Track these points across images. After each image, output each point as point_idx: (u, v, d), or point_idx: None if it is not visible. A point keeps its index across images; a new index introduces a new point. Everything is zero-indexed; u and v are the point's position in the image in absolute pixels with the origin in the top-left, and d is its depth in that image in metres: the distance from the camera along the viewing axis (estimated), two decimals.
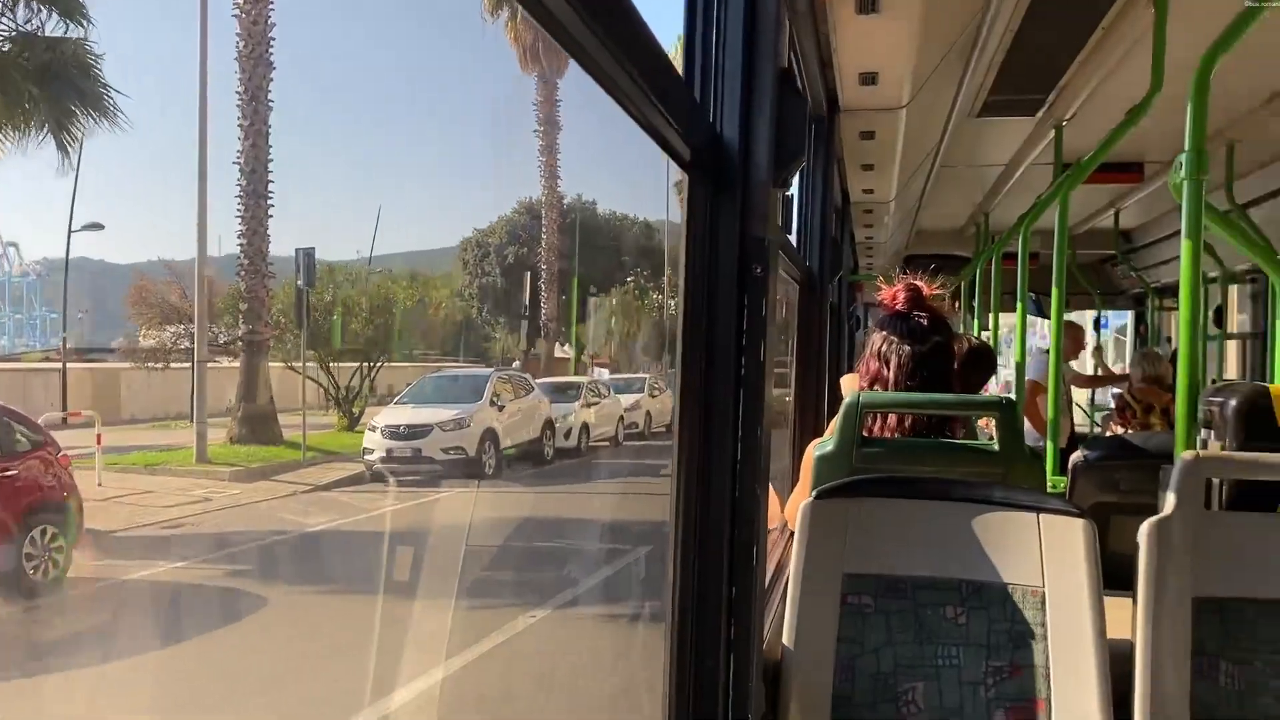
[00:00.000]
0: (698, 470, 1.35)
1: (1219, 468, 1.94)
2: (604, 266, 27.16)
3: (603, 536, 10.19)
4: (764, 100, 1.35)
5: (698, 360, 1.34)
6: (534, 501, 12.68)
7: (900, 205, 6.37)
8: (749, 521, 1.35)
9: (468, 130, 36.32)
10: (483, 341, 25.29)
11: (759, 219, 1.35)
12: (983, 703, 1.82)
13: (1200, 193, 2.07)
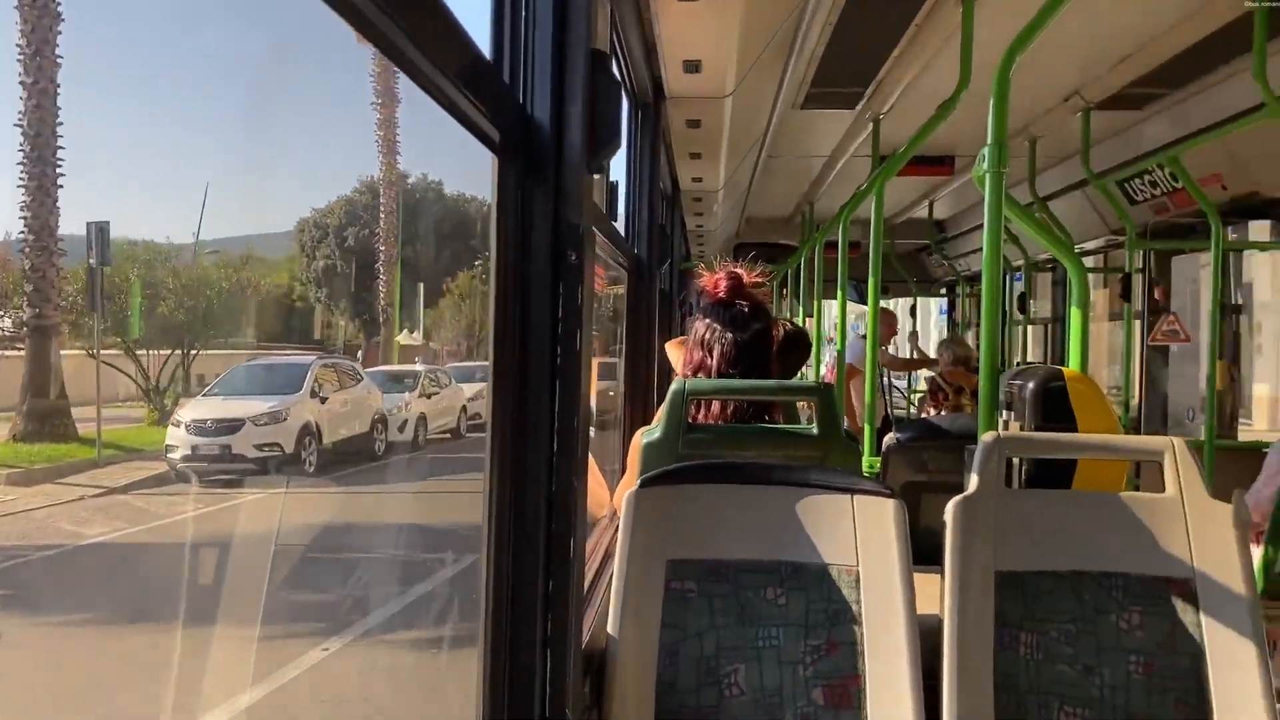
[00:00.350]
0: (513, 464, 1.31)
1: (1018, 447, 2.04)
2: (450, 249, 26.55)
3: (438, 541, 8.89)
4: (577, 83, 1.32)
5: (511, 350, 1.30)
6: (361, 504, 10.66)
7: (729, 194, 6.48)
8: (566, 514, 1.32)
9: (303, 99, 34.59)
10: (323, 328, 24.28)
11: (574, 204, 1.32)
12: (801, 681, 1.85)
13: (1001, 185, 2.17)
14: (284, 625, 6.23)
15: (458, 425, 17.15)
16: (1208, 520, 1.88)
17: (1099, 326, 8.48)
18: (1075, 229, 6.00)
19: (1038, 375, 2.23)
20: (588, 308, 1.35)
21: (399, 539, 8.91)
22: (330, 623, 6.28)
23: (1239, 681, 1.79)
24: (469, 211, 28.97)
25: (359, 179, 26.75)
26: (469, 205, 29.28)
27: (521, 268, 1.31)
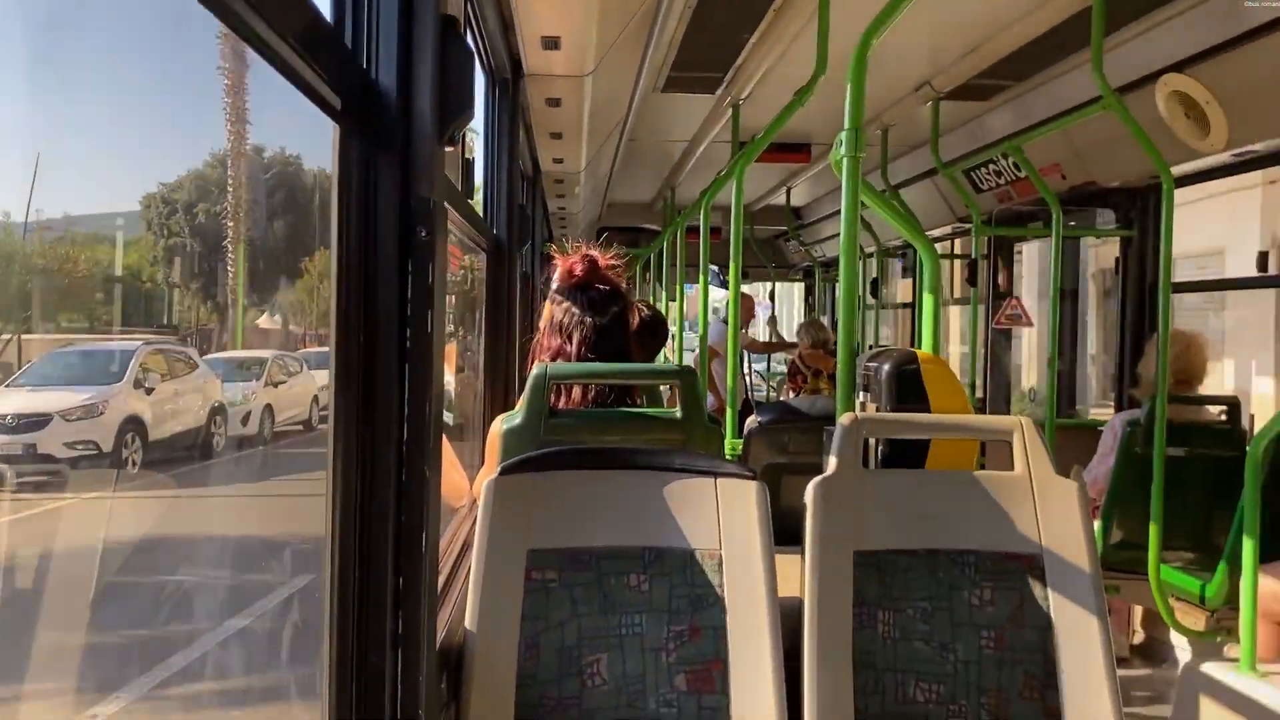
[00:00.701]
0: (358, 455, 1.23)
1: (874, 428, 2.07)
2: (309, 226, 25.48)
3: (273, 554, 6.79)
4: (426, 49, 1.24)
5: (355, 334, 1.22)
6: (189, 510, 7.75)
7: (591, 176, 6.43)
8: (417, 506, 1.25)
9: (146, 60, 32.36)
10: (172, 311, 22.85)
11: (424, 178, 1.24)
12: (664, 668, 1.83)
13: (858, 170, 2.19)
14: (52, 680, 3.98)
15: (309, 416, 16.10)
16: (1053, 497, 1.94)
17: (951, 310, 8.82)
18: (925, 216, 6.21)
19: (893, 358, 2.27)
20: (440, 288, 1.28)
21: (226, 553, 6.68)
22: (112, 674, 4.31)
23: (1082, 652, 1.86)
24: (330, 186, 27.82)
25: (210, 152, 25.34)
26: (330, 180, 28.15)
27: (366, 245, 1.22)
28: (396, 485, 1.24)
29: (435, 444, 1.31)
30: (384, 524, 1.23)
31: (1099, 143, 4.58)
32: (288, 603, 5.29)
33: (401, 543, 1.25)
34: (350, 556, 1.22)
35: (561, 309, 2.45)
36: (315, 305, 24.27)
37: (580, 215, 7.78)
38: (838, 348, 2.26)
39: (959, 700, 1.86)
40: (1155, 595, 3.32)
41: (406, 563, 1.26)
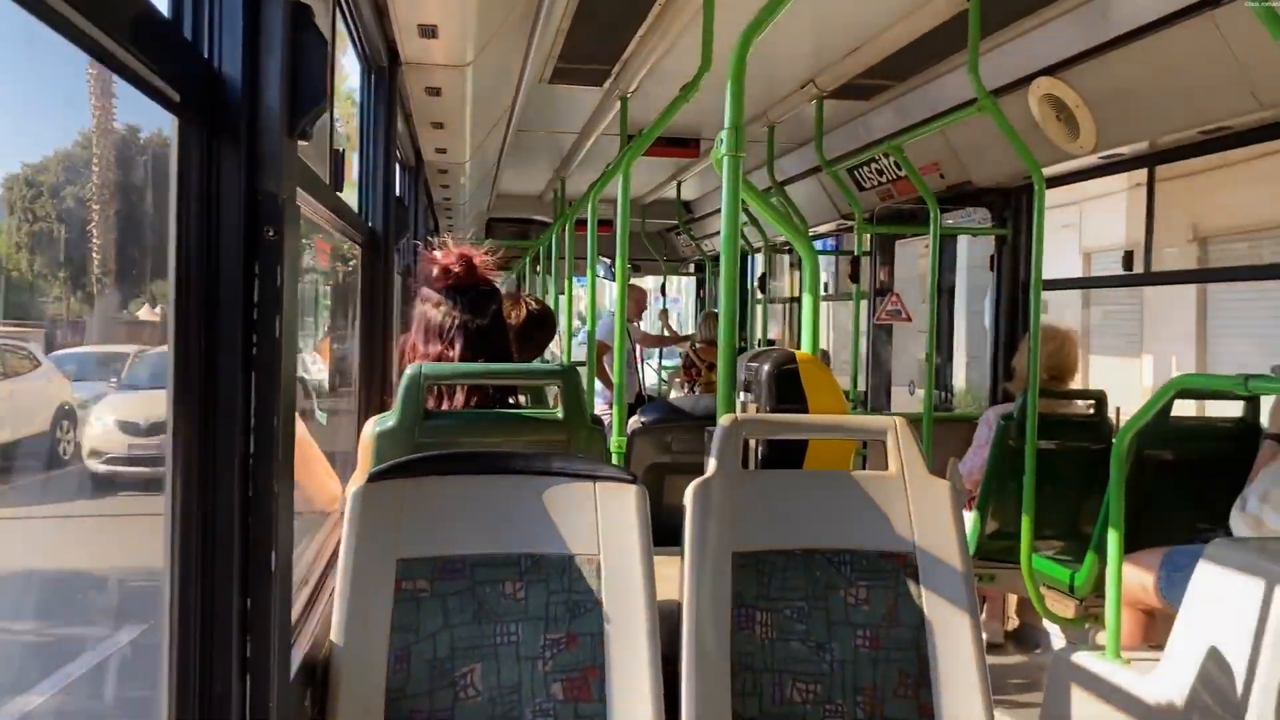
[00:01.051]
0: (199, 470, 1.15)
1: (754, 429, 2.06)
2: None
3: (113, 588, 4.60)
4: (274, 37, 1.17)
5: (195, 340, 1.14)
6: (21, 532, 5.87)
7: (478, 167, 6.31)
8: (265, 522, 1.18)
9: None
10: (36, 299, 21.60)
11: (272, 174, 1.17)
12: (540, 676, 1.79)
13: (738, 168, 2.18)
14: None
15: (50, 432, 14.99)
16: (926, 495, 1.97)
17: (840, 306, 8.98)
18: (811, 213, 6.29)
19: (772, 358, 2.27)
20: (290, 290, 1.21)
21: (57, 589, 4.49)
22: None
23: (954, 648, 1.89)
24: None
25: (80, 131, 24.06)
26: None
27: (209, 245, 1.14)
28: (242, 501, 1.16)
29: (286, 456, 1.24)
30: (228, 543, 1.15)
31: (975, 143, 4.70)
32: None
33: (249, 562, 1.18)
34: (192, 580, 1.14)
35: (439, 311, 2.37)
36: None
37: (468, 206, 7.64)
38: (719, 346, 2.24)
39: (835, 700, 1.87)
40: (1027, 584, 3.42)
41: (255, 583, 1.19)
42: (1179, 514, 3.14)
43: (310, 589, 2.10)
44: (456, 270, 2.33)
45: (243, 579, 1.17)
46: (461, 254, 2.33)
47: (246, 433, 1.16)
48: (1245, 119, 3.40)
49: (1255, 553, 2.17)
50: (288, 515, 1.25)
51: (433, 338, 2.36)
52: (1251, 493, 2.59)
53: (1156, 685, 2.29)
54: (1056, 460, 3.71)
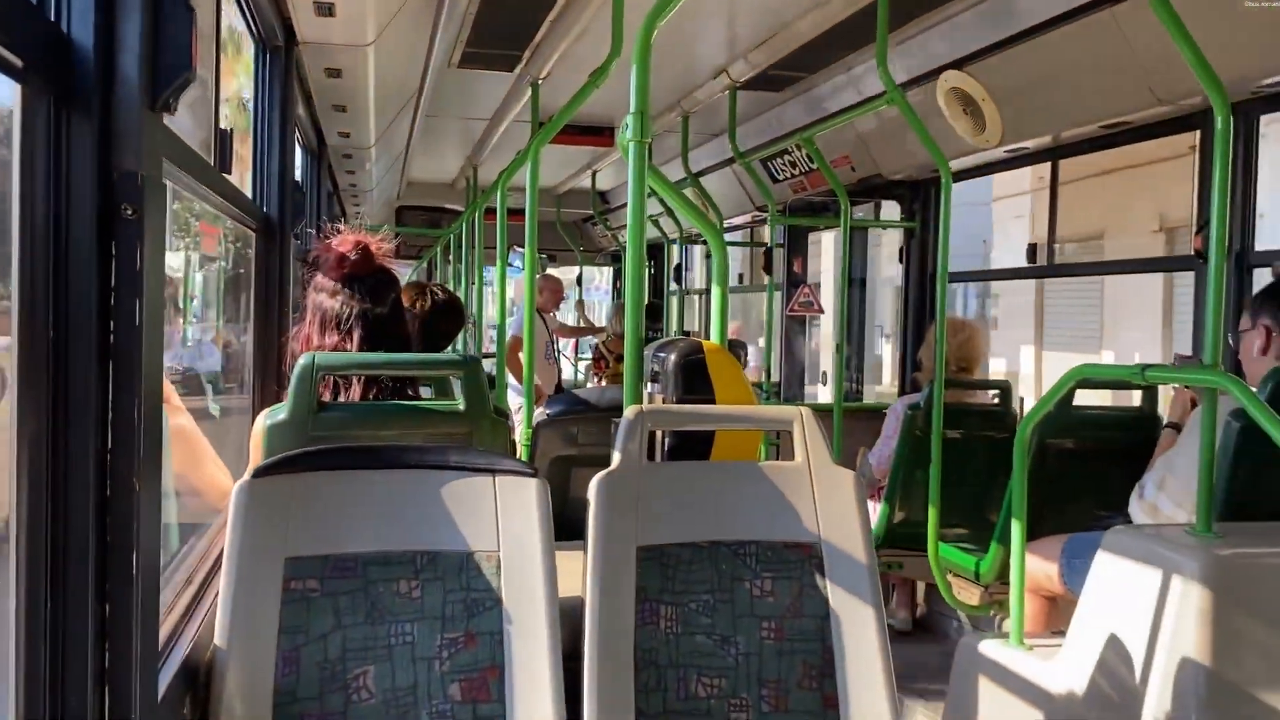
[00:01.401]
0: (48, 468, 1.06)
1: (659, 420, 2.02)
2: None
3: None
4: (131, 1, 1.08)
5: (42, 327, 1.05)
6: None
7: (385, 152, 6.17)
8: (125, 524, 1.09)
9: None
10: None
11: (129, 149, 1.08)
12: (437, 678, 1.73)
13: (644, 154, 2.13)
14: None
15: None
16: (832, 485, 1.95)
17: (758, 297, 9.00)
18: (725, 205, 6.29)
19: (679, 348, 2.23)
20: (154, 273, 1.12)
21: None
22: None
23: (858, 639, 1.87)
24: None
25: None
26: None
27: (56, 224, 1.05)
28: (99, 502, 1.07)
29: (150, 451, 1.15)
30: (82, 545, 1.07)
31: (885, 136, 4.74)
32: None
33: (108, 567, 1.09)
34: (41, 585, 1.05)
35: (335, 301, 2.28)
36: None
37: (376, 193, 7.47)
38: (625, 336, 2.20)
39: (740, 694, 1.85)
40: (934, 572, 3.46)
41: (115, 588, 1.10)
42: (1080, 502, 3.20)
43: (194, 590, 1.99)
44: (353, 258, 2.24)
45: (99, 584, 1.09)
46: (358, 240, 2.24)
47: (104, 426, 1.07)
48: (1144, 114, 3.48)
49: (1152, 539, 2.20)
50: (151, 514, 1.17)
51: (329, 328, 2.27)
52: (1149, 480, 2.64)
53: (1058, 670, 2.32)
54: (963, 450, 3.76)
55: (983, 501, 3.93)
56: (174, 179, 1.60)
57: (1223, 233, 2.23)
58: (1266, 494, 2.29)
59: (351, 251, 2.24)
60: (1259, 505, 2.29)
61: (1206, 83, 2.25)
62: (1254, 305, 2.62)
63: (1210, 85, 2.25)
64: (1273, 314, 2.55)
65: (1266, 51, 2.87)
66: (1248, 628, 2.03)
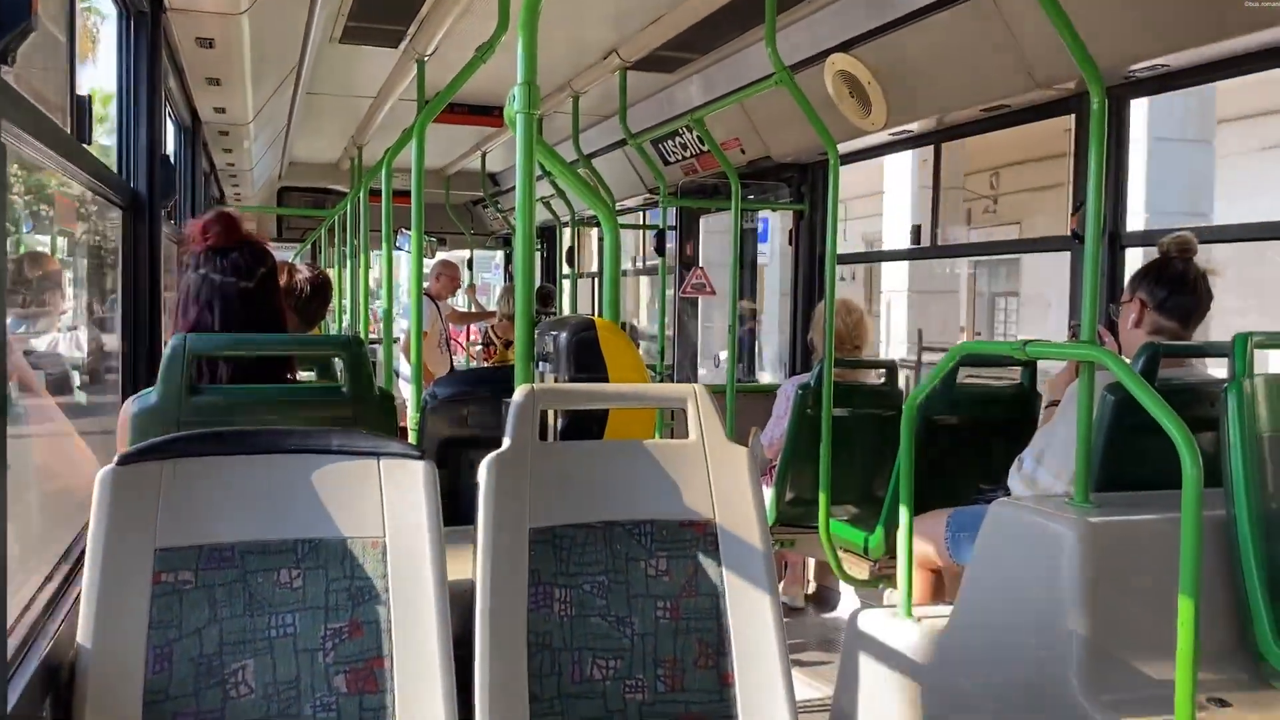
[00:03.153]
0: None
1: (551, 399, 1.98)
2: None
3: None
4: None
5: None
6: None
7: (265, 130, 5.94)
8: None
9: None
10: None
11: None
12: (321, 669, 1.66)
13: (532, 127, 2.08)
14: None
15: None
16: (726, 463, 1.94)
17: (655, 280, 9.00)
18: (618, 187, 6.26)
19: (571, 326, 2.19)
20: None
21: None
22: None
23: (752, 614, 1.87)
24: None
25: None
26: None
27: None
28: None
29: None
30: None
31: (774, 119, 4.77)
32: None
33: None
34: None
35: (198, 276, 2.17)
36: None
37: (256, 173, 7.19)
38: (516, 314, 2.15)
39: (636, 674, 1.82)
40: (825, 548, 3.51)
41: None
42: (965, 476, 3.28)
43: (56, 585, 1.87)
44: (215, 230, 2.13)
45: None
46: (220, 213, 2.14)
47: None
48: (1023, 98, 3.57)
49: (1032, 511, 2.27)
50: None
51: (191, 305, 2.16)
52: (1027, 454, 2.72)
53: (946, 640, 2.37)
54: (852, 428, 3.82)
55: (871, 479, 4.01)
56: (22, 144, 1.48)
57: (1098, 214, 2.30)
58: (1140, 464, 2.37)
59: (213, 225, 2.13)
60: (1133, 475, 2.38)
61: (1084, 66, 2.31)
62: (1132, 281, 2.73)
63: (1087, 69, 2.31)
64: (1148, 289, 2.65)
65: (1138, 36, 2.97)
66: (1124, 592, 2.11)
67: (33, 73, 1.81)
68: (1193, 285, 2.63)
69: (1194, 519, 1.78)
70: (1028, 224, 12.05)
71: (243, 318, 2.17)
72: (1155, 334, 2.62)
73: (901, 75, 3.88)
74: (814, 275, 5.13)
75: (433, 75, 4.33)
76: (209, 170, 6.51)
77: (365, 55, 4.81)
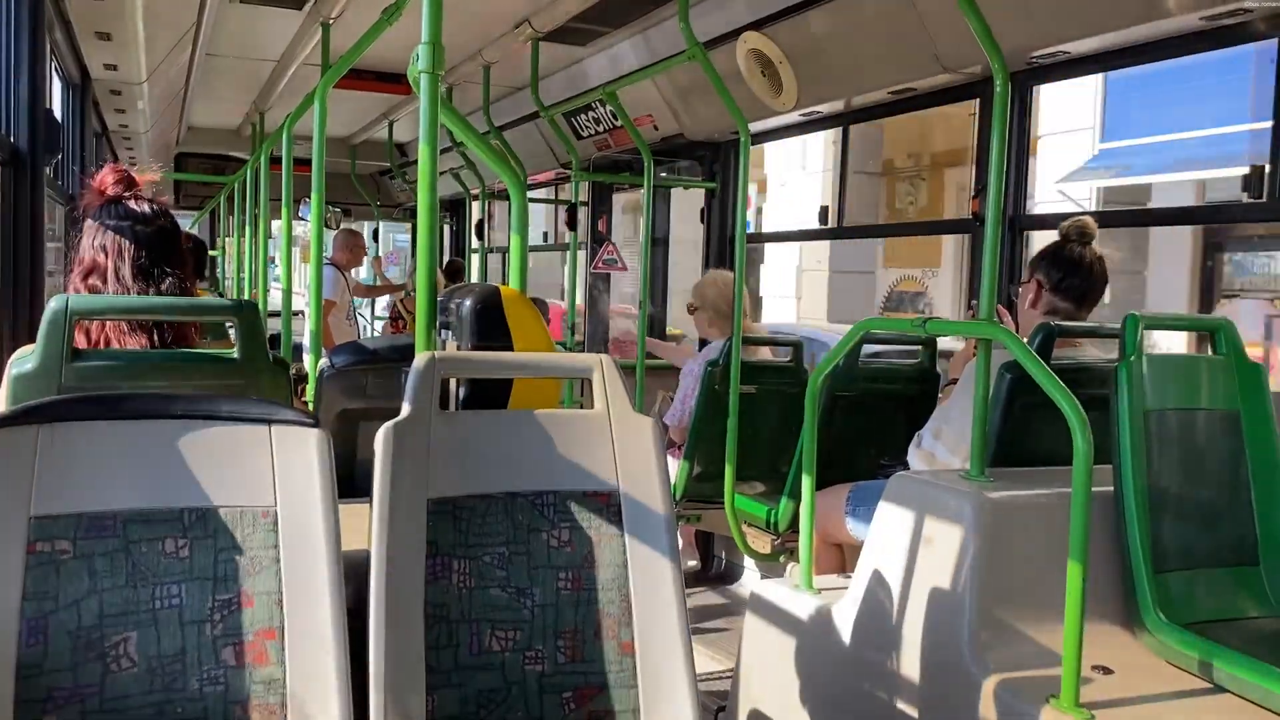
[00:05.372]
0: None
1: (452, 367, 1.94)
2: None
3: None
4: None
5: None
6: None
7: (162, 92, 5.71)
8: None
9: None
10: None
11: None
12: (208, 641, 1.61)
13: (437, 87, 2.03)
14: None
15: None
16: (631, 433, 1.93)
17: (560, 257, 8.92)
18: (529, 160, 6.19)
19: (475, 293, 2.16)
20: None
21: None
22: None
23: (654, 585, 1.87)
24: None
25: None
26: None
27: None
28: None
29: None
30: None
31: (686, 96, 4.77)
32: None
33: None
34: None
35: (94, 229, 2.08)
36: None
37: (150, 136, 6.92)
38: (418, 280, 2.10)
39: (535, 646, 1.81)
40: (730, 522, 3.54)
41: None
42: (866, 451, 3.34)
43: None
44: (111, 181, 2.04)
45: None
46: (114, 168, 2.05)
47: None
48: (929, 81, 3.63)
49: (930, 485, 2.31)
50: None
51: (86, 253, 2.07)
52: (926, 430, 2.78)
53: (845, 611, 2.41)
54: (758, 404, 3.85)
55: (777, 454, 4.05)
56: None
57: (999, 196, 2.34)
58: (1034, 440, 2.44)
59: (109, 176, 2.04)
60: (1027, 451, 2.44)
61: (989, 51, 2.35)
62: (1031, 262, 2.80)
63: (992, 53, 2.35)
64: (1045, 271, 2.72)
65: (1042, 23, 3.04)
66: (1016, 563, 2.17)
67: None
68: (1089, 268, 2.71)
69: (1083, 493, 1.84)
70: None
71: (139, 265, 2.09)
72: (1051, 314, 2.70)
73: (812, 56, 3.90)
74: (724, 253, 5.15)
75: (338, 41, 4.21)
76: (100, 131, 6.23)
77: (267, 16, 4.65)
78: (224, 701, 1.60)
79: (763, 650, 2.65)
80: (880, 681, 2.30)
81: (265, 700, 1.61)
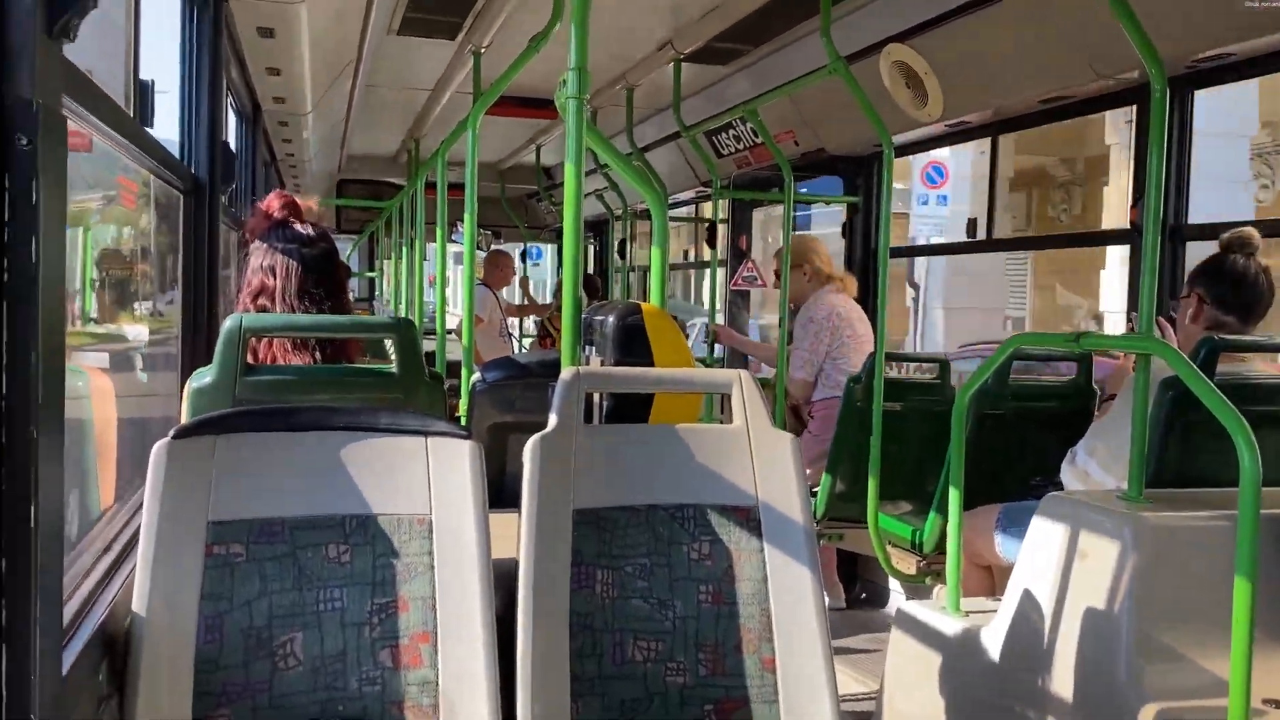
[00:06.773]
0: None
1: (596, 382, 1.99)
2: None
3: None
4: None
5: None
6: None
7: (324, 122, 6.03)
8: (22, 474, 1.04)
9: None
10: None
11: (23, 75, 1.01)
12: (367, 644, 1.69)
13: (582, 112, 2.09)
14: None
15: None
16: (770, 448, 1.93)
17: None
18: (671, 180, 6.26)
19: (617, 310, 2.20)
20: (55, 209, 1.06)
21: None
22: None
23: (795, 602, 1.86)
24: None
25: None
26: None
27: None
28: None
29: (53, 397, 1.09)
30: None
31: (828, 111, 4.73)
32: None
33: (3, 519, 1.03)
34: None
35: (262, 251, 2.23)
36: None
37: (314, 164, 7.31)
38: (564, 298, 2.16)
39: (677, 657, 1.83)
40: (874, 542, 3.48)
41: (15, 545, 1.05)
42: (1016, 471, 3.23)
43: (114, 556, 1.93)
44: (277, 206, 2.19)
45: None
46: (281, 194, 2.19)
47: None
48: (1083, 89, 3.50)
49: (1084, 506, 2.23)
50: (53, 466, 1.11)
51: (254, 275, 2.22)
52: (1080, 447, 2.67)
53: (994, 636, 2.34)
54: (902, 422, 3.78)
55: (921, 473, 3.96)
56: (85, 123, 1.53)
57: (1157, 206, 2.25)
58: (1196, 460, 2.32)
59: (275, 201, 2.19)
60: (1188, 471, 2.32)
61: (1145, 55, 2.26)
62: (1190, 276, 2.67)
63: (1149, 58, 2.26)
64: (1205, 284, 2.59)
65: (1202, 25, 2.90)
66: (1176, 588, 2.07)
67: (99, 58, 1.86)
68: (1253, 280, 2.57)
69: (1251, 516, 1.74)
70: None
71: (305, 290, 2.22)
72: (1214, 329, 2.56)
73: (959, 66, 3.82)
74: (868, 267, 5.08)
75: (488, 68, 4.37)
76: (269, 160, 6.63)
77: (422, 48, 4.87)
78: (381, 701, 1.67)
79: (908, 672, 2.59)
80: (1030, 707, 2.22)
81: (419, 702, 1.68)
